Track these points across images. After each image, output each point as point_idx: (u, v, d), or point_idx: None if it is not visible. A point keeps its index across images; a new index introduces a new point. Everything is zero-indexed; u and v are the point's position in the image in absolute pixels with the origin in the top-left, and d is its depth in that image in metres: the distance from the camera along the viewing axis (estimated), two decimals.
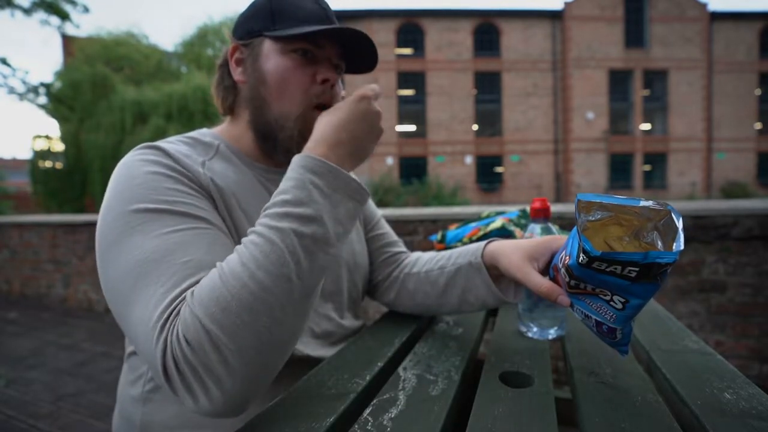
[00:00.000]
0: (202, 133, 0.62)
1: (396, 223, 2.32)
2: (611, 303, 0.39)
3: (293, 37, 0.57)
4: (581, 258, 0.37)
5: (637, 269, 0.34)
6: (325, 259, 0.44)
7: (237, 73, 0.62)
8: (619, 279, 0.36)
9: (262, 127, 0.60)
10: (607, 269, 0.36)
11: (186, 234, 0.44)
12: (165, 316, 0.39)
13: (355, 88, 0.56)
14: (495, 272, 0.60)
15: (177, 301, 0.39)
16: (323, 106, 0.59)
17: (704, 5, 20.30)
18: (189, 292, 0.40)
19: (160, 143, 0.53)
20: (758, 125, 20.83)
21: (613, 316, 0.40)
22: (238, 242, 0.53)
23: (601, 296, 0.40)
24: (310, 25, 0.58)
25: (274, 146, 0.61)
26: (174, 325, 0.38)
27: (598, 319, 0.41)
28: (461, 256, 0.64)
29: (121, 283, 0.42)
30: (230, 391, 0.38)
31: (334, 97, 0.61)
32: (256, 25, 0.60)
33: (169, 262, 0.41)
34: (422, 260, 0.75)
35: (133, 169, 0.48)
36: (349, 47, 0.61)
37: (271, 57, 0.59)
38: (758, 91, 20.59)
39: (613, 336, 0.42)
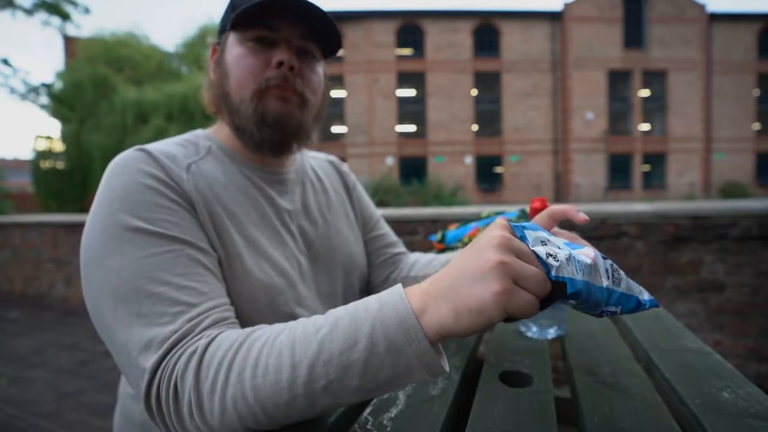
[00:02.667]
0: (197, 135, 0.62)
1: (396, 223, 2.32)
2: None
3: (240, 19, 0.55)
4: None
5: None
6: (334, 401, 0.36)
7: (213, 73, 0.62)
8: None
9: (233, 120, 0.59)
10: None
11: (162, 258, 0.45)
12: (152, 361, 0.40)
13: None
14: None
15: (163, 348, 0.40)
16: (279, 90, 0.57)
17: (703, 6, 20.32)
18: (194, 357, 0.39)
19: (150, 146, 0.53)
20: (756, 126, 20.85)
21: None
22: (220, 242, 0.52)
23: None
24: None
25: (249, 138, 0.59)
26: (165, 377, 0.39)
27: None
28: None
29: (101, 303, 0.44)
30: None
31: (295, 83, 0.58)
32: (223, 21, 0.61)
33: (147, 291, 0.42)
34: (421, 262, 0.75)
35: (116, 178, 0.48)
36: (311, 29, 0.58)
37: (231, 49, 0.59)
38: (756, 92, 20.61)
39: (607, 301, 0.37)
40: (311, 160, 0.77)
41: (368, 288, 0.80)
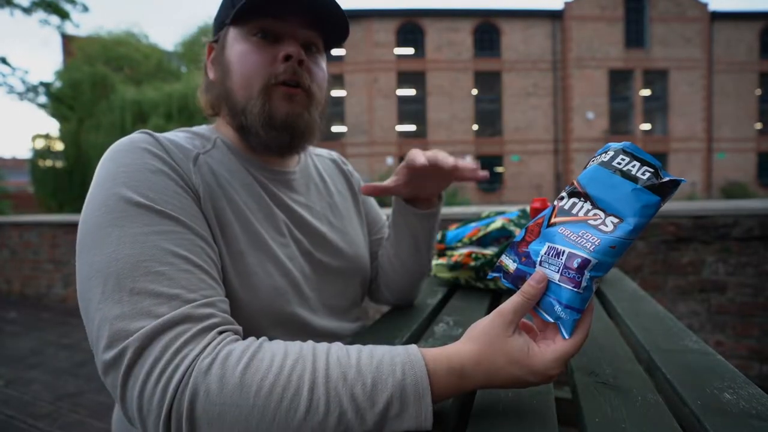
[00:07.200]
0: (202, 128, 0.62)
1: None
2: (600, 227, 0.38)
3: (244, 13, 0.54)
4: (604, 156, 0.40)
5: (652, 171, 0.37)
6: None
7: (211, 73, 0.61)
8: (628, 181, 0.38)
9: (237, 121, 0.58)
10: (626, 166, 0.38)
11: (165, 237, 0.43)
12: (127, 355, 0.37)
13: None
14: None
15: (154, 325, 0.37)
16: (289, 84, 0.56)
17: (704, 5, 20.29)
18: (200, 377, 0.36)
19: (157, 133, 0.52)
20: (758, 125, 20.82)
21: (597, 241, 0.37)
22: (222, 237, 0.51)
23: (591, 221, 0.39)
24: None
25: (256, 139, 0.58)
26: (157, 360, 0.36)
27: (574, 250, 0.38)
28: None
29: (92, 277, 0.41)
30: None
31: (303, 77, 0.56)
32: (220, 18, 0.59)
33: (144, 268, 0.40)
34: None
35: (121, 156, 0.47)
36: (317, 17, 0.57)
37: (233, 45, 0.57)
38: (758, 91, 20.57)
39: (577, 282, 0.38)
40: (315, 157, 0.76)
41: (370, 286, 0.80)
